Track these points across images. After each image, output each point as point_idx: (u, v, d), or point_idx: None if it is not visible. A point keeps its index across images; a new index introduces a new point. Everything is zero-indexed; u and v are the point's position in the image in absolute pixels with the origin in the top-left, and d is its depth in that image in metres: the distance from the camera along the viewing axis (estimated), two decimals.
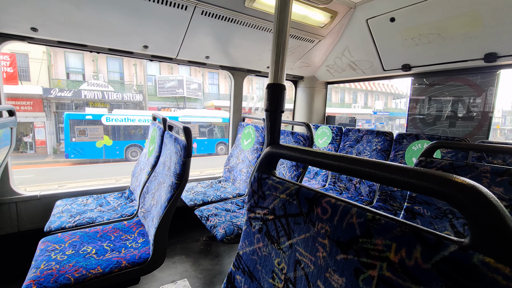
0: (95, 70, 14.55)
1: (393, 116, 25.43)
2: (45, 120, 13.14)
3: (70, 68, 14.07)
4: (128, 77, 15.43)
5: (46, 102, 13.09)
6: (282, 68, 0.70)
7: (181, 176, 1.39)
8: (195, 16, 1.88)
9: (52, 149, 13.47)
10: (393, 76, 2.68)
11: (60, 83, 13.59)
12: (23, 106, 12.50)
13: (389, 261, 0.42)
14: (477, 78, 2.21)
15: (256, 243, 0.70)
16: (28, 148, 13.11)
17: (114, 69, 15.01)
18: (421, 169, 0.41)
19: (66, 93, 13.16)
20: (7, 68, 10.15)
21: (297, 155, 0.63)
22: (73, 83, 13.89)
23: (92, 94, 13.70)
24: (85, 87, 13.71)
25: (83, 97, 13.54)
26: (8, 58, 11.23)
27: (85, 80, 14.12)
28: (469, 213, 0.35)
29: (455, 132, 2.38)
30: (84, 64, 14.26)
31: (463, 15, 1.81)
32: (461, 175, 1.21)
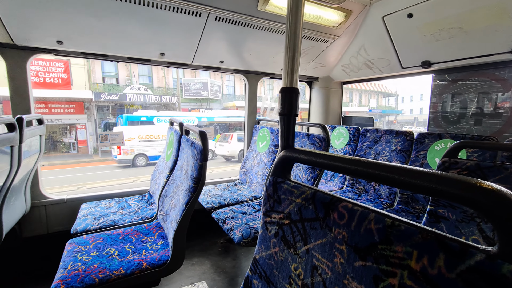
0: (128, 74, 15.40)
1: (384, 113, 27.52)
2: (86, 121, 13.96)
3: (105, 73, 14.91)
4: (157, 80, 16.23)
5: (87, 105, 13.94)
6: (296, 72, 0.70)
7: (198, 180, 1.42)
8: (209, 22, 1.91)
9: (93, 148, 14.28)
10: (412, 73, 2.59)
11: (98, 86, 14.50)
12: (67, 109, 13.13)
13: (410, 269, 0.41)
14: (505, 72, 2.08)
15: (272, 247, 0.70)
16: (71, 148, 13.88)
17: (144, 73, 15.96)
18: (443, 174, 0.39)
19: (113, 97, 14.12)
20: (61, 74, 10.76)
21: (312, 159, 0.62)
22: (109, 86, 14.83)
23: (135, 97, 14.75)
24: (128, 90, 14.81)
25: (127, 100, 14.50)
26: (62, 65, 11.80)
27: (118, 83, 15.10)
28: (496, 220, 0.33)
29: (482, 130, 2.26)
30: (118, 68, 15.14)
31: (487, 7, 1.72)
32: (489, 177, 1.15)
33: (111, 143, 4.16)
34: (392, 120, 28.62)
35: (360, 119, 3.63)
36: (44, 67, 11.08)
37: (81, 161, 12.50)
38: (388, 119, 27.84)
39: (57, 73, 10.41)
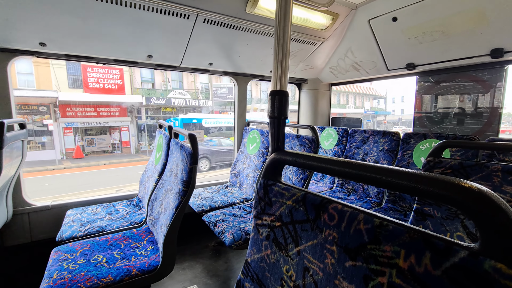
0: (163, 80, 16.51)
1: (377, 114, 30.06)
2: (129, 124, 15.22)
3: (143, 78, 16.06)
4: (187, 85, 17.57)
5: (129, 108, 15.28)
6: (285, 74, 0.70)
7: (188, 183, 1.40)
8: (197, 24, 1.90)
9: (135, 149, 15.42)
10: (398, 75, 2.66)
11: (138, 91, 15.65)
12: (113, 112, 14.45)
13: (399, 268, 0.42)
14: (485, 74, 2.17)
15: (264, 250, 0.70)
16: (116, 148, 14.94)
17: (175, 78, 17.33)
18: (427, 174, 0.40)
19: (161, 101, 15.64)
20: (117, 81, 11.73)
21: (302, 161, 0.63)
22: (147, 91, 16.09)
23: (178, 101, 16.26)
24: (171, 95, 16.38)
25: (172, 104, 16.00)
26: (118, 72, 12.78)
27: (154, 88, 16.48)
28: (478, 218, 0.35)
29: (464, 130, 2.34)
30: (154, 74, 16.36)
31: (467, 12, 1.79)
32: (471, 175, 1.19)
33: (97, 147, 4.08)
34: (382, 120, 30.89)
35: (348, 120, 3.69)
36: (103, 74, 12.00)
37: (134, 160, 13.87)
38: (378, 120, 30.06)
39: (113, 80, 11.38)
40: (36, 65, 12.30)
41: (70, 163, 12.58)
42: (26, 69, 12.26)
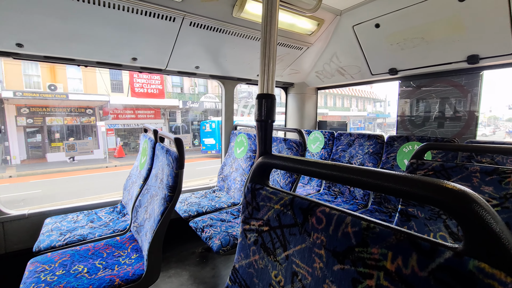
0: (191, 84, 17.63)
1: (377, 117, 32.00)
2: (162, 125, 16.36)
3: (174, 83, 17.20)
4: (211, 89, 18.79)
5: (162, 111, 16.53)
6: (272, 78, 0.70)
7: (174, 188, 1.37)
8: (183, 27, 1.88)
9: None
10: (381, 80, 2.73)
11: (170, 95, 16.86)
12: (149, 114, 15.72)
13: (386, 270, 0.42)
14: (462, 79, 2.27)
15: (252, 255, 0.69)
16: None
17: (201, 83, 18.63)
18: (411, 176, 0.41)
19: (195, 104, 17.25)
20: (158, 86, 13.21)
21: (289, 164, 0.63)
22: (178, 95, 17.31)
23: (209, 105, 17.85)
24: (203, 99, 17.94)
25: (204, 107, 17.63)
26: (159, 78, 14.20)
27: (183, 92, 17.67)
28: (461, 218, 0.35)
29: (444, 133, 2.43)
30: (183, 79, 17.47)
31: (445, 20, 1.87)
32: (452, 176, 1.23)
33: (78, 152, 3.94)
34: (382, 122, 32.87)
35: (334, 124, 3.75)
36: (147, 79, 13.53)
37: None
38: (378, 122, 32.15)
39: (155, 85, 12.84)
40: (84, 71, 13.25)
41: (118, 161, 13.42)
42: (75, 74, 13.17)
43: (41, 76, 11.72)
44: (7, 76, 11.22)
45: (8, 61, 11.35)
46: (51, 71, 12.03)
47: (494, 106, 33.53)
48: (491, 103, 37.70)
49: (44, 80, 11.76)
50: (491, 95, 41.94)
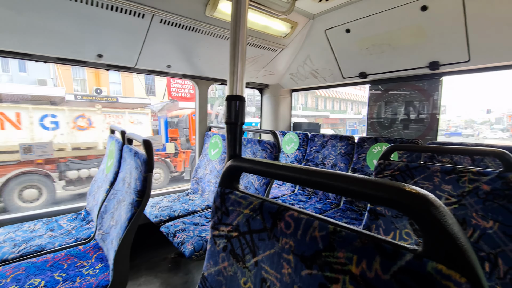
0: (212, 88, 17.79)
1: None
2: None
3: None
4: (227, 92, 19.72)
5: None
6: (241, 79, 0.69)
7: (142, 193, 1.30)
8: (153, 24, 1.81)
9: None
10: (352, 83, 2.83)
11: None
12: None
13: (352, 274, 0.42)
14: (424, 84, 2.42)
15: (221, 262, 0.67)
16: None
17: (218, 87, 18.42)
18: (375, 180, 0.41)
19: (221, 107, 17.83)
20: (190, 90, 14.07)
21: (259, 168, 0.61)
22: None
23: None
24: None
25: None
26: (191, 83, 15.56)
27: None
28: (420, 221, 0.36)
29: (409, 134, 2.57)
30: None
31: (409, 27, 1.98)
32: (416, 176, 1.30)
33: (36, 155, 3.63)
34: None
35: (309, 125, 3.83)
36: (181, 84, 14.03)
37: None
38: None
39: (188, 89, 13.90)
40: (123, 77, 14.05)
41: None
42: (116, 79, 13.91)
43: (87, 81, 12.36)
44: (61, 80, 11.75)
45: (61, 67, 11.58)
46: (96, 76, 12.65)
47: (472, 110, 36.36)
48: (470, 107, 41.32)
49: (90, 84, 12.39)
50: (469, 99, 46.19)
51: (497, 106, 37.75)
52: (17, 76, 11.54)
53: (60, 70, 11.84)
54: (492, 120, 28.83)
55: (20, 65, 11.77)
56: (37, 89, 9.54)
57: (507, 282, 0.98)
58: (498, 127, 26.25)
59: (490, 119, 29.40)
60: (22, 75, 11.50)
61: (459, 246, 0.33)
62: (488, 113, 29.60)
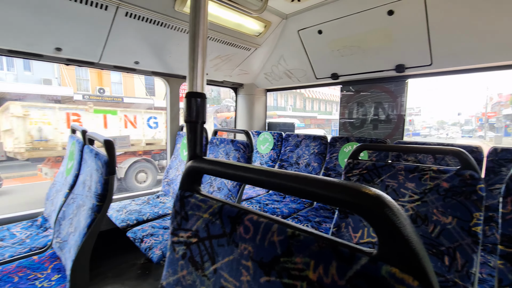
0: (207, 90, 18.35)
1: None
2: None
3: None
4: (222, 94, 19.12)
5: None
6: (201, 75, 0.65)
7: (103, 197, 1.22)
8: (118, 18, 1.70)
9: None
10: (325, 84, 2.88)
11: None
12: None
13: (309, 280, 0.40)
14: (392, 86, 2.52)
15: (180, 271, 0.62)
16: None
17: (214, 89, 18.73)
18: (331, 180, 0.39)
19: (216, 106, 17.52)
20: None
21: (220, 169, 0.58)
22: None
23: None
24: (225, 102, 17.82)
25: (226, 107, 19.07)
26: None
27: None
28: (375, 223, 0.35)
29: (378, 134, 2.67)
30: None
31: (377, 31, 2.05)
32: (382, 174, 1.33)
33: None
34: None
35: (284, 125, 3.85)
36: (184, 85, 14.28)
37: None
38: None
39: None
40: (124, 77, 14.06)
41: None
42: (117, 79, 13.80)
43: (90, 80, 12.27)
44: (65, 79, 11.66)
45: (65, 67, 11.17)
46: (98, 76, 12.68)
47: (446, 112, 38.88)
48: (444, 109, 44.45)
49: (93, 84, 12.34)
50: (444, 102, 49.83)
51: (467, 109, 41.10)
52: (22, 75, 11.62)
53: (65, 70, 11.91)
54: (462, 122, 31.04)
55: (25, 64, 11.50)
56: (51, 89, 9.93)
57: (464, 275, 1.03)
58: (467, 127, 28.28)
59: (460, 121, 31.62)
60: (27, 74, 11.58)
61: (412, 248, 0.32)
62: (459, 115, 31.84)
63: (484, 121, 19.63)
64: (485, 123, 19.52)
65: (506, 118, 14.75)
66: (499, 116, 16.75)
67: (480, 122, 22.47)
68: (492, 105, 18.03)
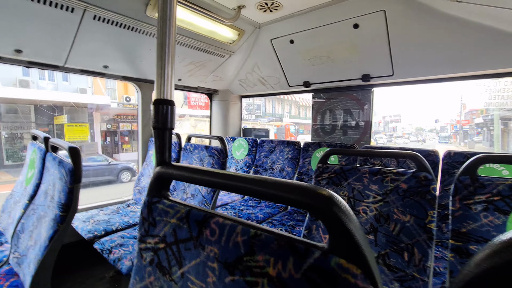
0: None
1: None
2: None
3: None
4: None
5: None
6: (170, 82, 0.66)
7: (67, 207, 1.16)
8: (86, 21, 1.65)
9: None
10: (297, 91, 2.99)
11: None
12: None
13: (269, 277, 0.42)
14: (359, 94, 2.67)
15: (147, 277, 0.62)
16: None
17: None
18: (288, 182, 0.43)
19: None
20: (204, 100, 15.99)
21: (187, 174, 0.59)
22: None
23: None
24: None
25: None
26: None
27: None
28: (325, 219, 0.38)
29: (348, 139, 2.80)
30: None
31: (344, 42, 2.18)
32: (349, 177, 1.41)
33: None
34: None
35: (259, 131, 3.90)
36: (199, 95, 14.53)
37: None
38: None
39: (203, 99, 15.81)
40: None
41: None
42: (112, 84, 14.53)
43: (117, 90, 13.39)
44: (95, 88, 12.90)
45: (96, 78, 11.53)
46: (125, 86, 13.49)
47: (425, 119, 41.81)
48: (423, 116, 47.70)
49: (120, 93, 13.45)
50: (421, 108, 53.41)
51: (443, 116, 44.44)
52: (61, 85, 12.54)
53: (99, 81, 13.03)
54: (438, 128, 33.28)
55: (64, 75, 12.35)
56: (91, 98, 11.49)
57: (421, 268, 1.11)
58: (443, 134, 30.29)
59: (436, 128, 33.88)
60: (65, 84, 12.53)
61: (356, 241, 0.36)
62: (436, 122, 34.17)
63: (459, 128, 21.33)
64: (459, 130, 21.22)
65: (478, 126, 16.38)
66: (471, 124, 18.40)
67: (455, 129, 24.25)
68: (465, 113, 19.72)
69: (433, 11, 1.70)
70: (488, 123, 13.44)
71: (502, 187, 1.05)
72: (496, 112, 9.91)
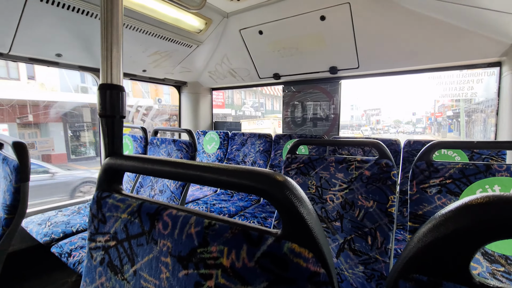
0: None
1: None
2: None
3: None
4: (235, 100, 21.76)
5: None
6: (117, 66, 0.60)
7: (13, 208, 1.05)
8: (31, 3, 1.48)
9: None
10: (268, 83, 2.98)
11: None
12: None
13: (223, 267, 0.40)
14: (327, 86, 2.73)
15: (98, 278, 0.57)
16: None
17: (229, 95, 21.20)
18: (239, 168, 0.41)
19: (239, 112, 20.41)
20: (221, 100, 16.45)
21: (138, 165, 0.55)
22: (230, 105, 20.20)
23: (248, 112, 21.19)
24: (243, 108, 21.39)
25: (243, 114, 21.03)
26: (221, 93, 16.33)
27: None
28: (278, 205, 0.37)
29: (317, 131, 2.86)
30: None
31: (312, 35, 2.20)
32: (317, 167, 1.43)
33: None
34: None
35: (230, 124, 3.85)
36: (217, 95, 15.43)
37: None
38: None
39: (220, 99, 16.21)
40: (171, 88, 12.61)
41: None
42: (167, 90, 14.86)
43: (150, 92, 14.01)
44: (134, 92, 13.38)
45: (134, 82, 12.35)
46: (155, 88, 14.26)
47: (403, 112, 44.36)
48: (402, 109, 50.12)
49: (152, 95, 14.08)
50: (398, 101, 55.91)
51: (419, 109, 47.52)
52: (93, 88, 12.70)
53: (140, 85, 13.34)
54: (414, 121, 35.19)
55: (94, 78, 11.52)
56: (143, 101, 11.88)
57: (383, 251, 1.17)
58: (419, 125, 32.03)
59: (412, 120, 35.78)
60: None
61: (307, 225, 0.35)
62: (414, 115, 36.08)
63: (433, 120, 23.10)
64: (434, 122, 23.02)
65: (449, 117, 18.34)
66: (444, 116, 20.14)
67: (429, 121, 26.01)
68: (438, 107, 21.33)
69: (394, 4, 1.77)
70: (457, 115, 15.16)
71: (453, 171, 1.12)
72: (461, 105, 11.15)
